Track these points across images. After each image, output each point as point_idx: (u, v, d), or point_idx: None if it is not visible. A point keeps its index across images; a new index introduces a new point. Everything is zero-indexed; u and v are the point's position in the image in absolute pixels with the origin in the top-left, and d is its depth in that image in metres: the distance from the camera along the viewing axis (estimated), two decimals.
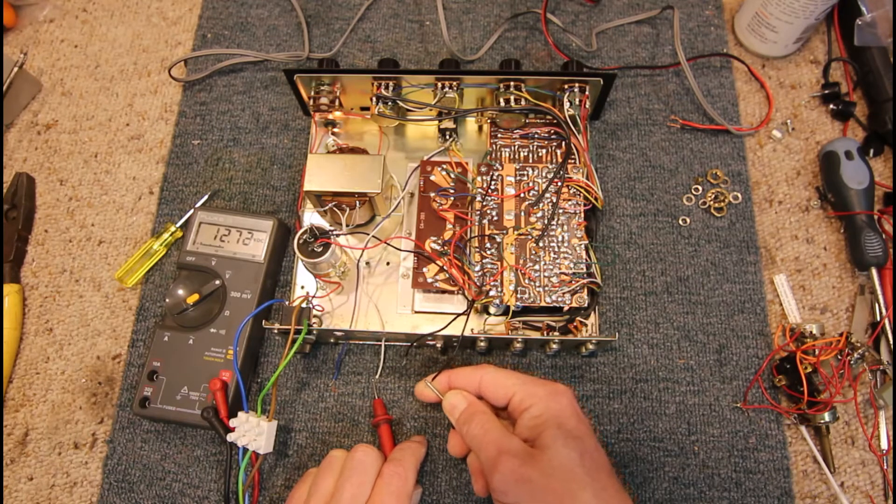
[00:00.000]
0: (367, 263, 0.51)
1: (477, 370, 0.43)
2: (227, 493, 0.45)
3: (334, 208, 0.49)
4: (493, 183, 0.50)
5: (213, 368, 0.47)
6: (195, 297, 0.49)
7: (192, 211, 0.52)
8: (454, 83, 0.50)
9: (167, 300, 0.49)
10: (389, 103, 0.51)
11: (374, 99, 0.51)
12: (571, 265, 0.48)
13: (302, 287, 0.51)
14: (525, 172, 0.51)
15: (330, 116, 0.55)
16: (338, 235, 0.48)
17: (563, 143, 0.52)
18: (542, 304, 0.47)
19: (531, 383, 0.41)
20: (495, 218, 0.49)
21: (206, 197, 0.55)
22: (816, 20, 0.55)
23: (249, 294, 0.49)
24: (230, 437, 0.43)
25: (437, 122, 0.53)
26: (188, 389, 0.47)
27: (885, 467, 0.47)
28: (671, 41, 0.60)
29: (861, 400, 0.48)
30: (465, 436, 0.41)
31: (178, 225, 0.54)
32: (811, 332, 0.48)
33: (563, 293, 0.47)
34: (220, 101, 0.60)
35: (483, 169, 0.50)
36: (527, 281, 0.47)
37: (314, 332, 0.46)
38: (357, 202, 0.49)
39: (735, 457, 0.47)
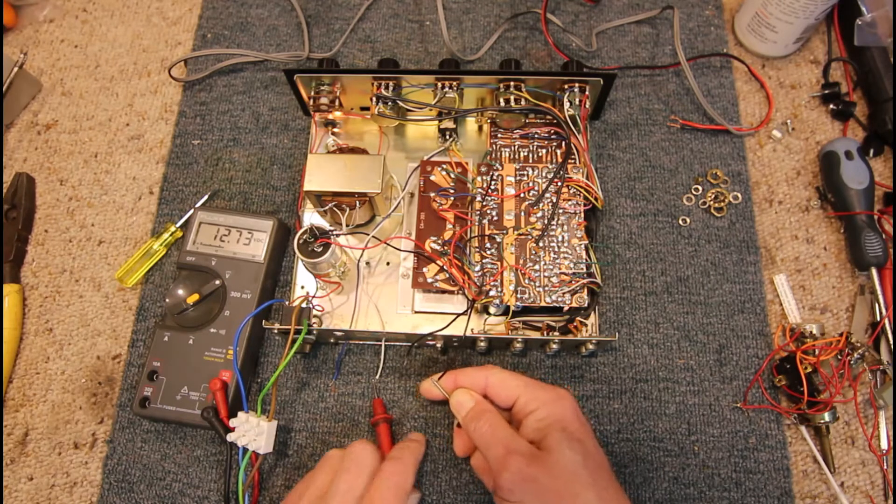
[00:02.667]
0: (367, 263, 0.51)
1: (482, 370, 0.43)
2: (227, 493, 0.45)
3: (334, 208, 0.49)
4: (493, 183, 0.50)
5: (213, 368, 0.47)
6: (195, 297, 0.49)
7: (192, 211, 0.52)
8: (454, 83, 0.50)
9: (167, 300, 0.49)
10: (389, 103, 0.51)
11: (374, 99, 0.51)
12: (571, 265, 0.48)
13: (302, 287, 0.51)
14: (525, 172, 0.51)
15: (330, 116, 0.55)
16: (338, 235, 0.48)
17: (563, 143, 0.52)
18: (542, 304, 0.47)
19: (535, 387, 0.42)
20: (495, 218, 0.49)
21: (206, 197, 0.55)
22: (816, 20, 0.55)
23: (249, 294, 0.49)
24: (230, 437, 0.43)
25: (437, 122, 0.53)
26: (188, 389, 0.47)
27: (885, 467, 0.47)
28: (671, 41, 0.60)
29: (861, 400, 0.48)
30: (472, 433, 0.41)
31: (178, 225, 0.54)
32: (811, 332, 0.48)
33: (563, 293, 0.47)
34: (220, 101, 0.60)
35: (483, 169, 0.50)
36: (527, 281, 0.47)
37: (314, 332, 0.46)
38: (357, 202, 0.49)
39: (735, 457, 0.47)
